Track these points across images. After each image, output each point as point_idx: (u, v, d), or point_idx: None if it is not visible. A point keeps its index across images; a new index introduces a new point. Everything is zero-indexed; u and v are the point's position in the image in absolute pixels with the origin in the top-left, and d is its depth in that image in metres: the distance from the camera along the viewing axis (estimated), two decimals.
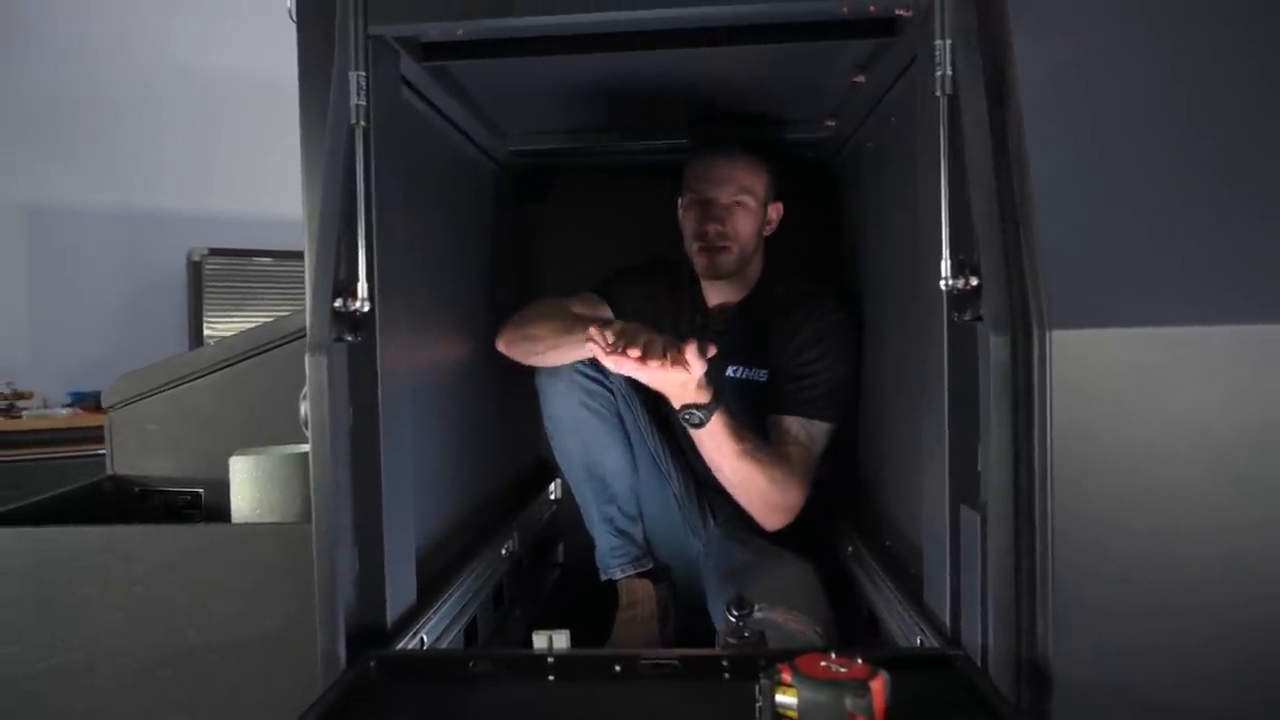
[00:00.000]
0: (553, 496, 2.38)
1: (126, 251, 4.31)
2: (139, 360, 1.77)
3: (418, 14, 1.24)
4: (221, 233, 4.02)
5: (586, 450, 1.86)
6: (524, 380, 2.09)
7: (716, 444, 1.64)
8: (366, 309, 1.18)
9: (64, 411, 3.88)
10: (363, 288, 1.16)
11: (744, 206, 1.82)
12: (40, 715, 1.32)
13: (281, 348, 1.61)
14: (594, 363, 1.80)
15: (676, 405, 1.60)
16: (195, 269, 4.00)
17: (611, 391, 1.84)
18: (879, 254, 1.74)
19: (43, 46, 4.18)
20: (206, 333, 3.93)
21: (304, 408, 1.16)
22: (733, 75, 1.64)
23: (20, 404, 3.94)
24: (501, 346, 1.85)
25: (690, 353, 1.48)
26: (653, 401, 1.92)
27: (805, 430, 1.77)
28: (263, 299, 3.89)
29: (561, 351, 1.77)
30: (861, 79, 1.57)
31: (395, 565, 1.26)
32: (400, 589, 1.28)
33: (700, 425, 1.60)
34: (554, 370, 1.82)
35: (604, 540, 1.89)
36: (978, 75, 1.08)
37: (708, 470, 1.90)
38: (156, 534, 1.35)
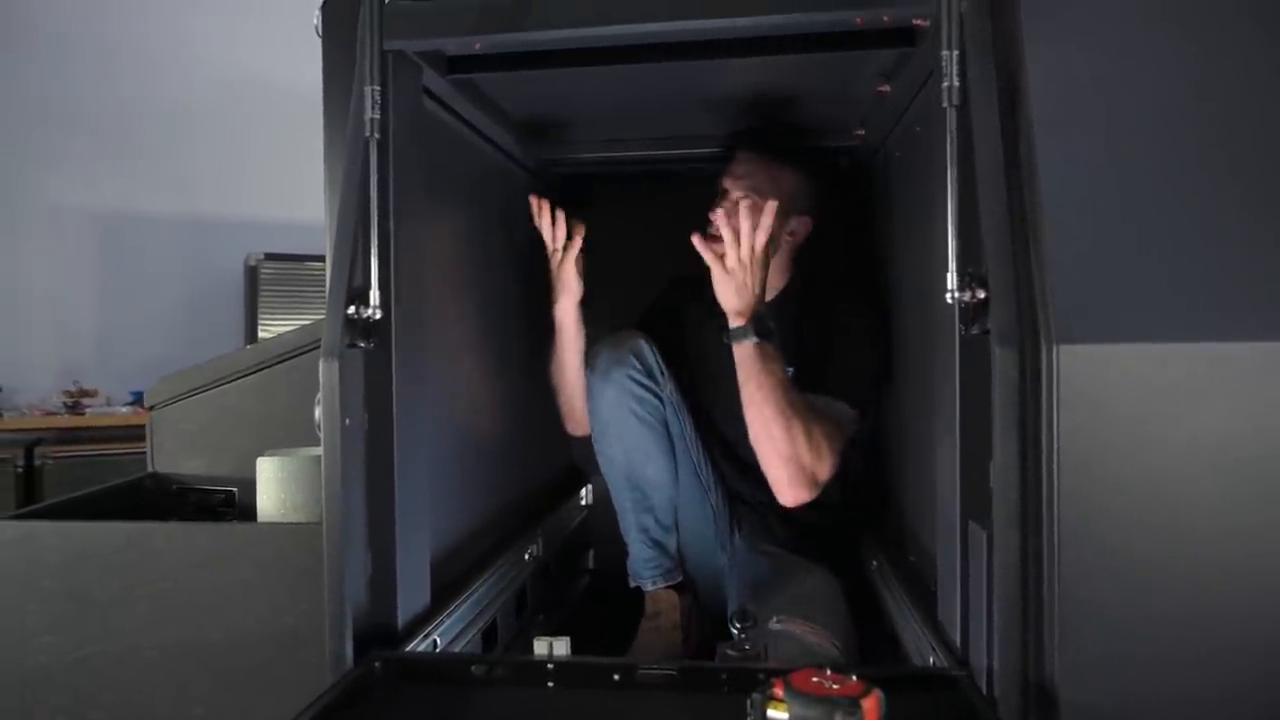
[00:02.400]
0: (584, 502, 2.39)
1: (188, 256, 4.47)
2: (198, 360, 1.83)
3: (433, 29, 1.26)
4: (276, 238, 4.14)
5: (629, 459, 1.85)
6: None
7: (768, 370, 1.61)
8: (379, 316, 1.20)
9: (125, 409, 4.03)
10: (375, 295, 1.19)
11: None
12: (72, 704, 1.37)
13: (314, 351, 1.64)
14: (644, 369, 1.82)
15: (741, 314, 1.61)
16: (252, 273, 4.13)
17: (661, 399, 1.83)
18: (902, 265, 1.72)
19: (111, 60, 4.35)
20: (261, 334, 4.05)
21: (318, 412, 1.18)
22: (761, 85, 1.63)
23: (85, 401, 4.10)
24: (575, 431, 2.02)
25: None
26: (699, 411, 1.92)
27: (832, 409, 1.73)
28: (315, 302, 3.98)
29: (561, 369, 1.93)
30: (886, 89, 1.55)
31: (408, 567, 1.28)
32: (413, 591, 1.30)
33: (769, 335, 1.60)
34: (605, 375, 1.81)
35: (638, 550, 1.89)
36: (989, 86, 1.06)
37: (739, 482, 1.91)
38: (182, 531, 1.39)
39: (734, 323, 1.63)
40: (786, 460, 1.65)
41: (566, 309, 1.92)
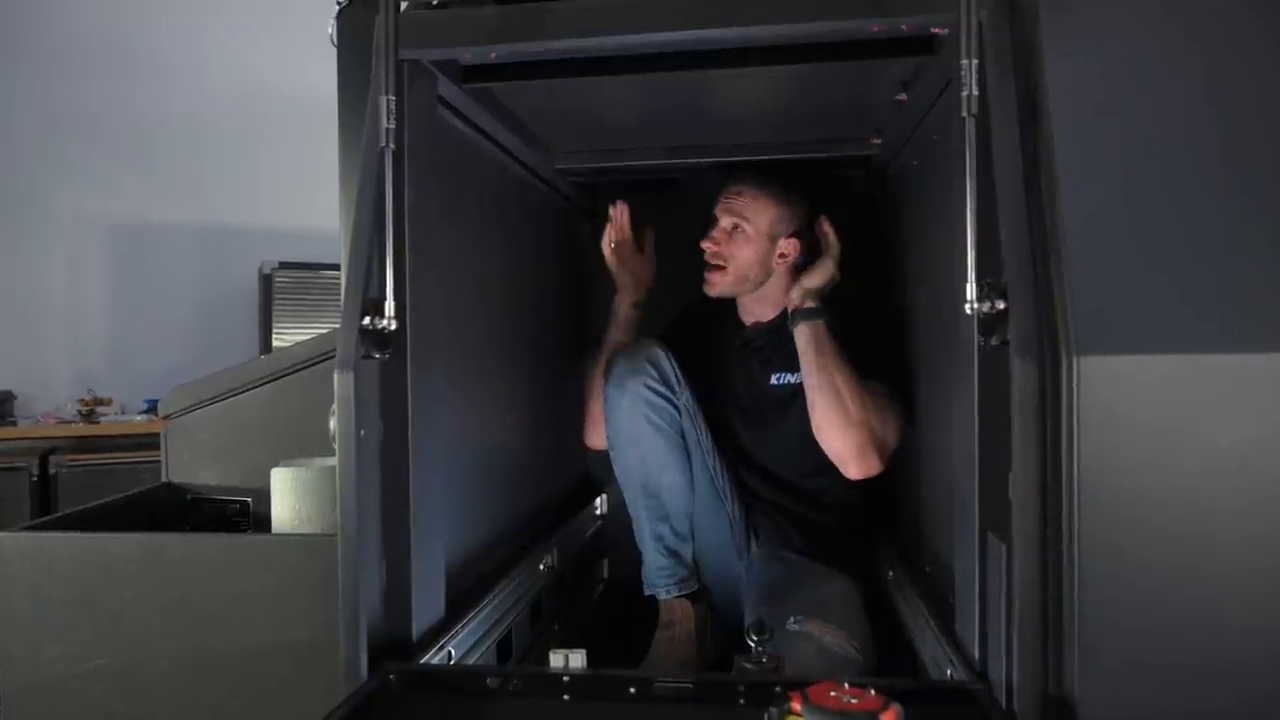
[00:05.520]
0: (598, 512, 2.38)
1: (201, 264, 4.49)
2: (212, 369, 1.84)
3: (449, 39, 1.26)
4: (291, 247, 4.15)
5: (645, 467, 1.86)
6: (571, 399, 2.11)
7: (833, 344, 1.74)
8: (394, 327, 1.19)
9: (140, 418, 4.04)
10: (390, 306, 1.18)
11: (741, 233, 1.88)
12: (83, 715, 1.37)
13: (328, 361, 1.64)
14: (661, 378, 1.83)
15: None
16: (266, 282, 4.13)
17: (677, 408, 1.85)
18: (920, 273, 1.72)
19: (126, 71, 4.37)
20: (275, 343, 4.05)
21: (333, 423, 1.18)
22: (777, 92, 1.63)
23: (100, 410, 4.12)
24: (595, 443, 2.06)
25: None
26: (714, 419, 1.92)
27: (878, 389, 1.77)
28: (329, 311, 3.99)
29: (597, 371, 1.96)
30: (904, 97, 1.55)
31: (423, 579, 1.27)
32: (427, 602, 1.30)
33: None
34: (620, 384, 1.84)
35: (653, 559, 1.89)
36: (1009, 96, 1.06)
37: (757, 488, 1.92)
38: (193, 542, 1.39)
39: (809, 304, 1.78)
40: (860, 425, 1.71)
41: (618, 305, 2.04)
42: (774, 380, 1.90)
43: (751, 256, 1.88)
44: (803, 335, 1.77)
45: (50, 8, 4.38)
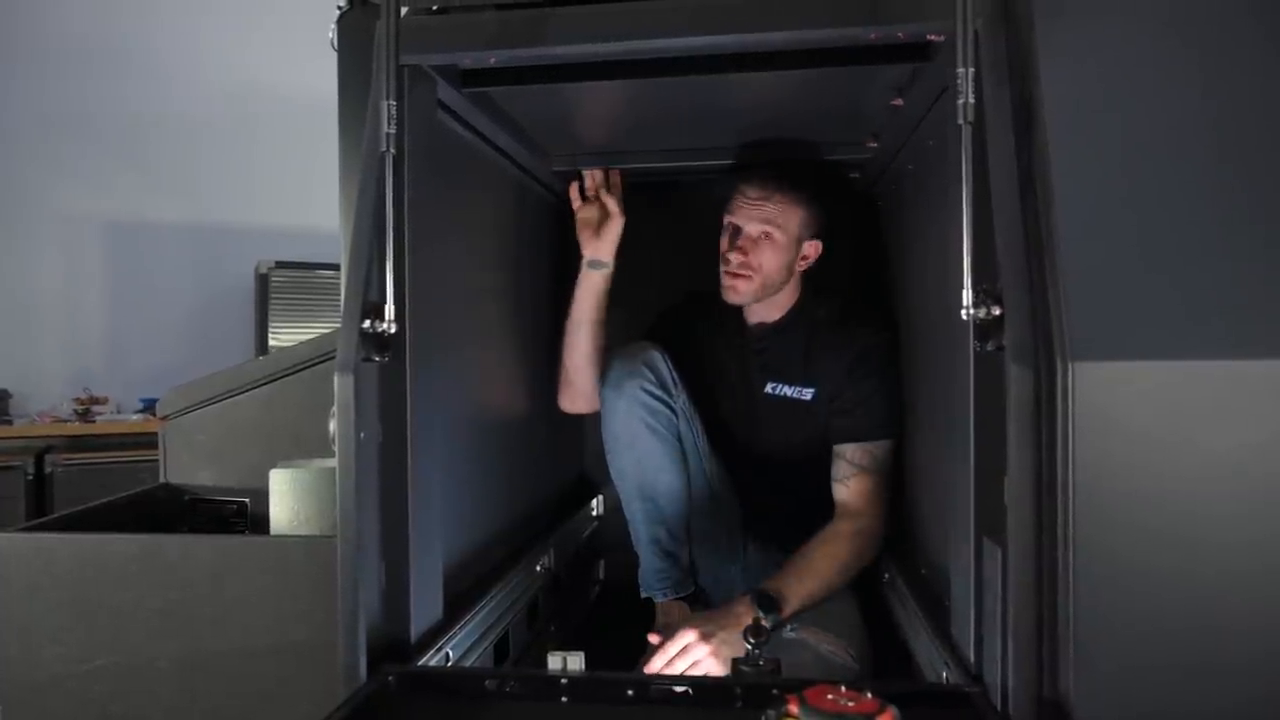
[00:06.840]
0: (595, 513, 2.38)
1: (198, 264, 4.50)
2: (208, 368, 1.84)
3: (450, 43, 1.26)
4: (287, 246, 4.16)
5: (642, 470, 1.86)
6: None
7: (806, 595, 1.64)
8: (394, 330, 1.20)
9: (135, 417, 4.04)
10: (390, 310, 1.19)
11: (771, 240, 1.82)
12: (82, 715, 1.37)
13: (326, 363, 1.65)
14: (657, 380, 1.83)
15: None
16: (262, 281, 4.13)
17: (674, 411, 1.85)
18: (915, 278, 1.72)
19: (121, 67, 4.37)
20: (271, 342, 4.05)
21: (332, 425, 1.18)
22: (773, 97, 1.64)
23: (96, 409, 4.12)
24: (565, 405, 2.05)
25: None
26: (710, 420, 1.93)
27: (871, 455, 1.79)
28: (325, 310, 3.99)
29: (571, 334, 1.96)
30: (900, 102, 1.55)
31: (421, 580, 1.28)
32: (426, 604, 1.30)
33: (774, 607, 1.55)
34: (617, 387, 1.82)
35: (649, 561, 1.90)
36: (1004, 103, 1.06)
37: (755, 494, 1.93)
38: (192, 544, 1.39)
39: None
40: (858, 569, 1.74)
41: (587, 269, 1.96)
42: (769, 389, 1.91)
43: (779, 263, 1.84)
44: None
45: (45, 7, 4.37)
